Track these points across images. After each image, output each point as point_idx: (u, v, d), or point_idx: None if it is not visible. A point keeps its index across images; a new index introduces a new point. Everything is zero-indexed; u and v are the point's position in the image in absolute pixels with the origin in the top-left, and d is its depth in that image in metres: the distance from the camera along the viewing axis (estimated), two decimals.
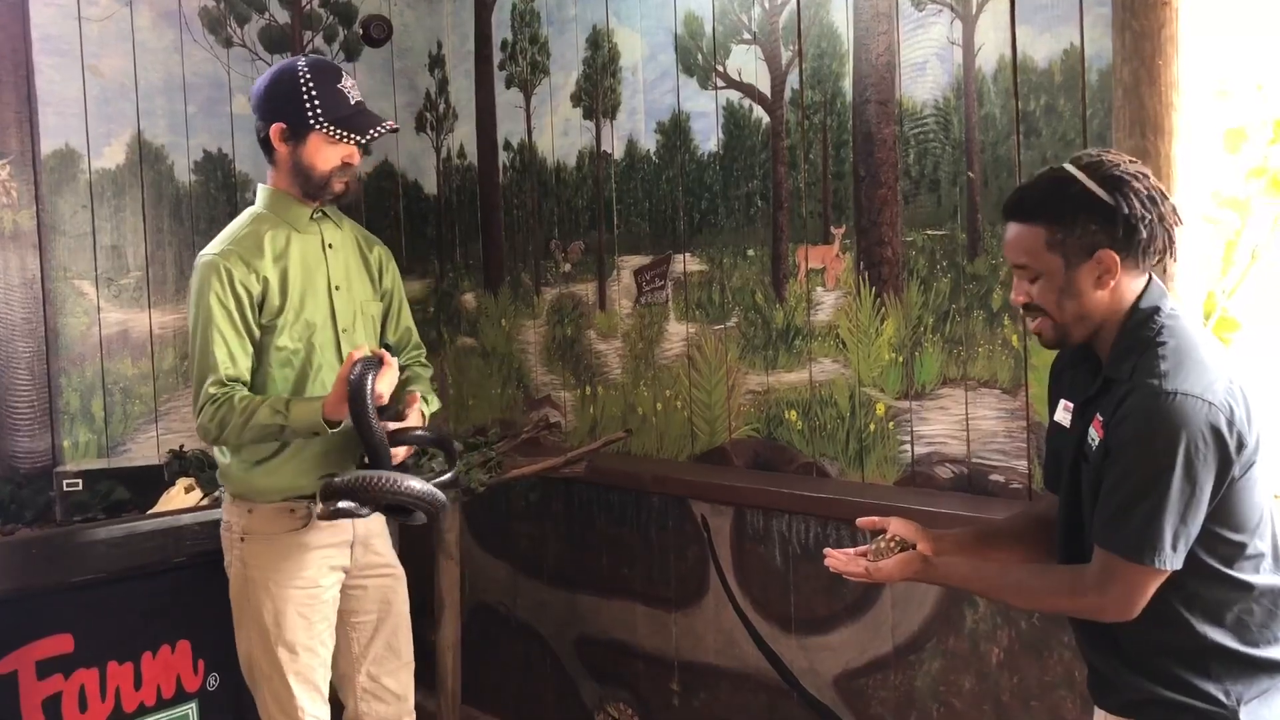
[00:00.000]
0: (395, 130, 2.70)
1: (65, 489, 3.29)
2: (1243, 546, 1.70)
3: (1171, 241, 1.76)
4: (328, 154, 2.59)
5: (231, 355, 2.53)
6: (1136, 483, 1.64)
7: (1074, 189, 1.73)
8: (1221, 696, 1.70)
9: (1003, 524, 2.07)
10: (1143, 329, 1.73)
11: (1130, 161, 1.76)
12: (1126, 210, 1.71)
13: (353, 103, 2.61)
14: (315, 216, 2.67)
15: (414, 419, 2.59)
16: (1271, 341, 2.52)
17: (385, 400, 2.48)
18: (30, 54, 3.50)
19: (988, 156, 2.65)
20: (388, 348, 2.69)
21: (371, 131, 2.60)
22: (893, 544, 1.93)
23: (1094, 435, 1.75)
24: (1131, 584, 1.67)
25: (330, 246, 2.69)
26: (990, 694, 2.63)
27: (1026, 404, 2.61)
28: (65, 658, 2.89)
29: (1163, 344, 1.69)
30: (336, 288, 2.67)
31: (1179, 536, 1.64)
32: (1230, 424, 1.63)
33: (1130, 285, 1.75)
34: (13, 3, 3.48)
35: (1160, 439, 1.62)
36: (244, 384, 2.56)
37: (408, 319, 2.88)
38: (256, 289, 2.55)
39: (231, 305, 2.52)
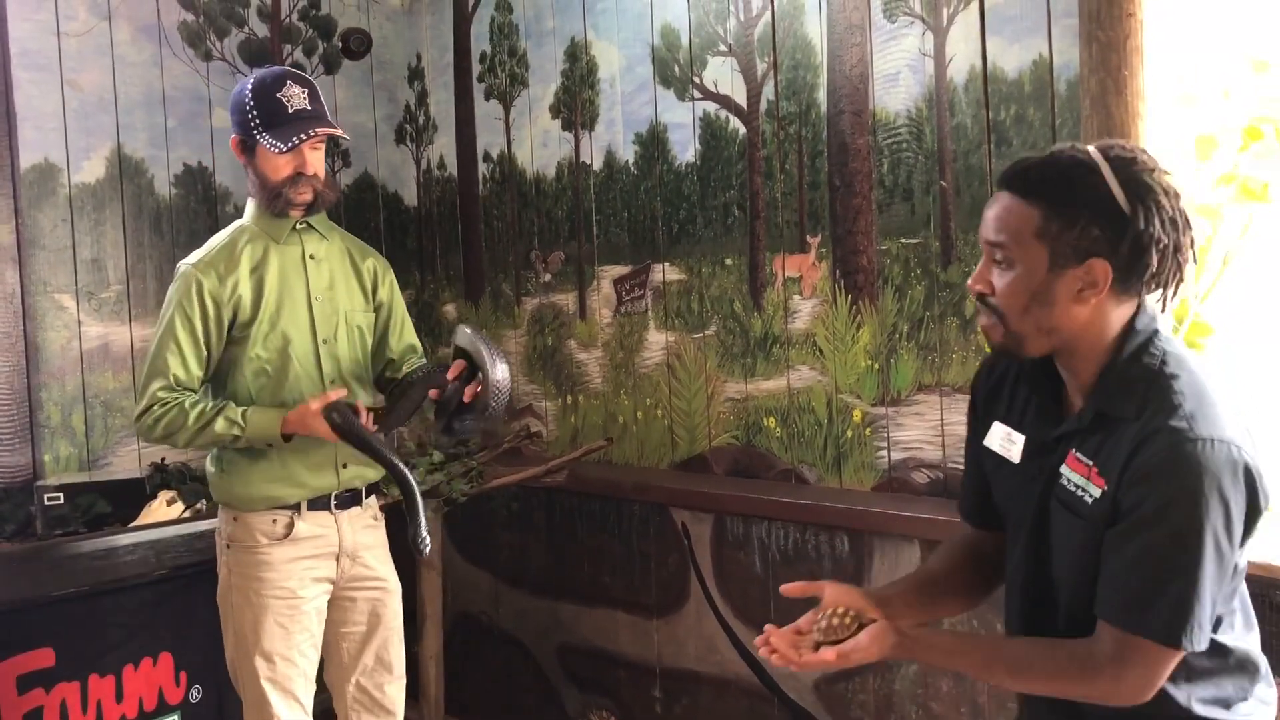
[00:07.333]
0: (333, 136, 2.58)
1: (46, 503, 3.28)
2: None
3: (1179, 276, 1.48)
4: (275, 164, 2.56)
5: (184, 362, 2.57)
6: (1170, 556, 1.40)
7: (1091, 180, 1.44)
8: None
9: (935, 570, 1.78)
10: (1143, 355, 1.47)
11: (1165, 172, 1.47)
12: (1143, 226, 1.42)
13: (290, 110, 2.53)
14: (298, 228, 2.66)
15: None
16: (1243, 346, 2.55)
17: (365, 415, 2.59)
18: (9, 68, 3.50)
19: (960, 166, 2.68)
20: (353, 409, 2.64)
21: (294, 139, 2.51)
22: (847, 618, 1.56)
23: (1084, 482, 1.49)
24: (1154, 667, 1.44)
25: (312, 258, 2.67)
26: (968, 697, 2.66)
27: None
28: (46, 672, 2.89)
29: (1175, 377, 1.44)
30: (317, 298, 2.65)
31: (1213, 610, 1.43)
32: (1259, 471, 1.42)
33: (1113, 309, 1.48)
34: None
35: (1198, 501, 1.38)
36: (192, 391, 2.59)
37: (410, 335, 2.84)
38: (228, 301, 2.57)
39: (195, 316, 2.55)
